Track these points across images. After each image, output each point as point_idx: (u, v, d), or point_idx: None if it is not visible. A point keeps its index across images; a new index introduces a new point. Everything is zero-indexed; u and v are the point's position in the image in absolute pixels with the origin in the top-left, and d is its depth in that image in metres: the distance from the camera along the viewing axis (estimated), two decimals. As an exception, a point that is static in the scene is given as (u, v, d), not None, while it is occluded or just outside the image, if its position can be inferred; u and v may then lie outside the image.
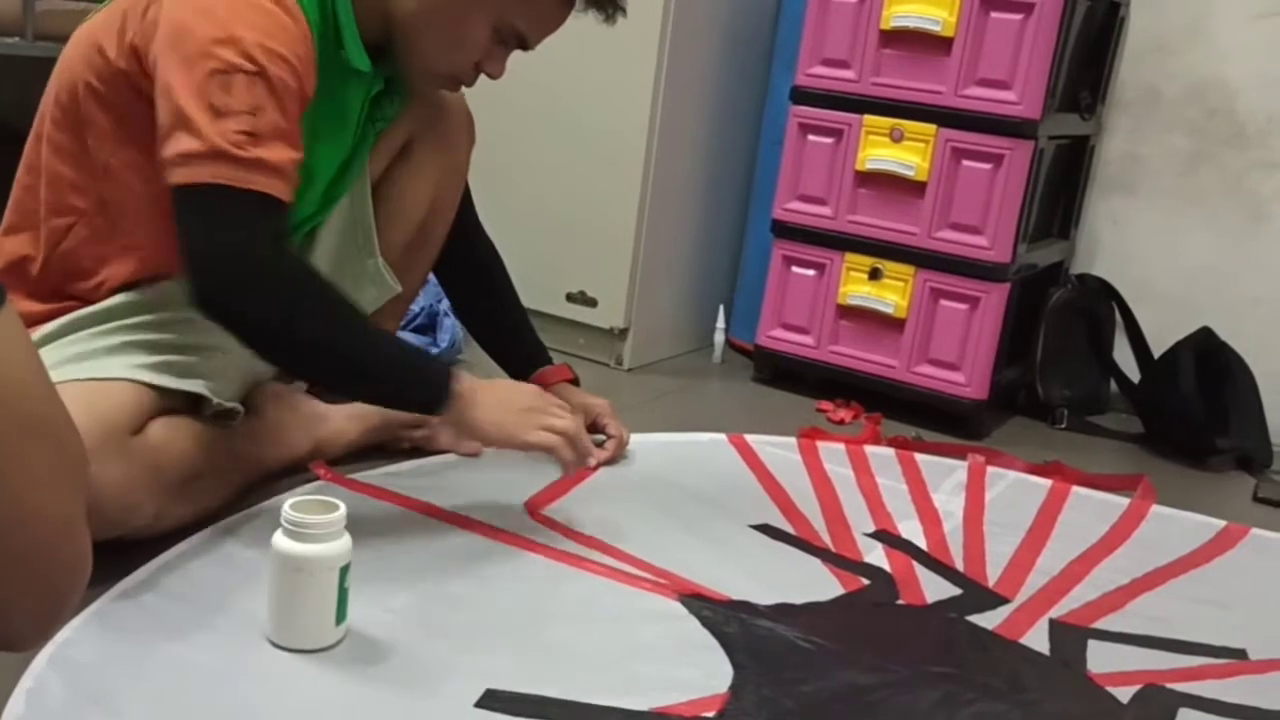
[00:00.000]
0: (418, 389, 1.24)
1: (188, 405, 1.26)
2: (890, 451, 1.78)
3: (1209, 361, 2.03)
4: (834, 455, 1.73)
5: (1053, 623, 1.27)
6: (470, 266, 1.66)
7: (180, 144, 1.11)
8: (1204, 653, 1.24)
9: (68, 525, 0.56)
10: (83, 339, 1.23)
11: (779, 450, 1.72)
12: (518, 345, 1.67)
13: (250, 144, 1.11)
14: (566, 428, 1.30)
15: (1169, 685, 1.15)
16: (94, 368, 1.18)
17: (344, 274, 1.49)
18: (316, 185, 1.37)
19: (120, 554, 1.13)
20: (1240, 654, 1.25)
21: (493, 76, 1.36)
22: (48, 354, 1.20)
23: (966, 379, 1.96)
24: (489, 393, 1.28)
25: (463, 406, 1.24)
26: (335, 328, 1.19)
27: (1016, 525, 1.54)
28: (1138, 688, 1.14)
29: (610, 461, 1.59)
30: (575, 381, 1.67)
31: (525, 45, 1.35)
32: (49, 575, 0.56)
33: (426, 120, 1.51)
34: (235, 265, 1.13)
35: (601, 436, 1.61)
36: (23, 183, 1.29)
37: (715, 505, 1.50)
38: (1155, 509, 1.65)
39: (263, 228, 1.14)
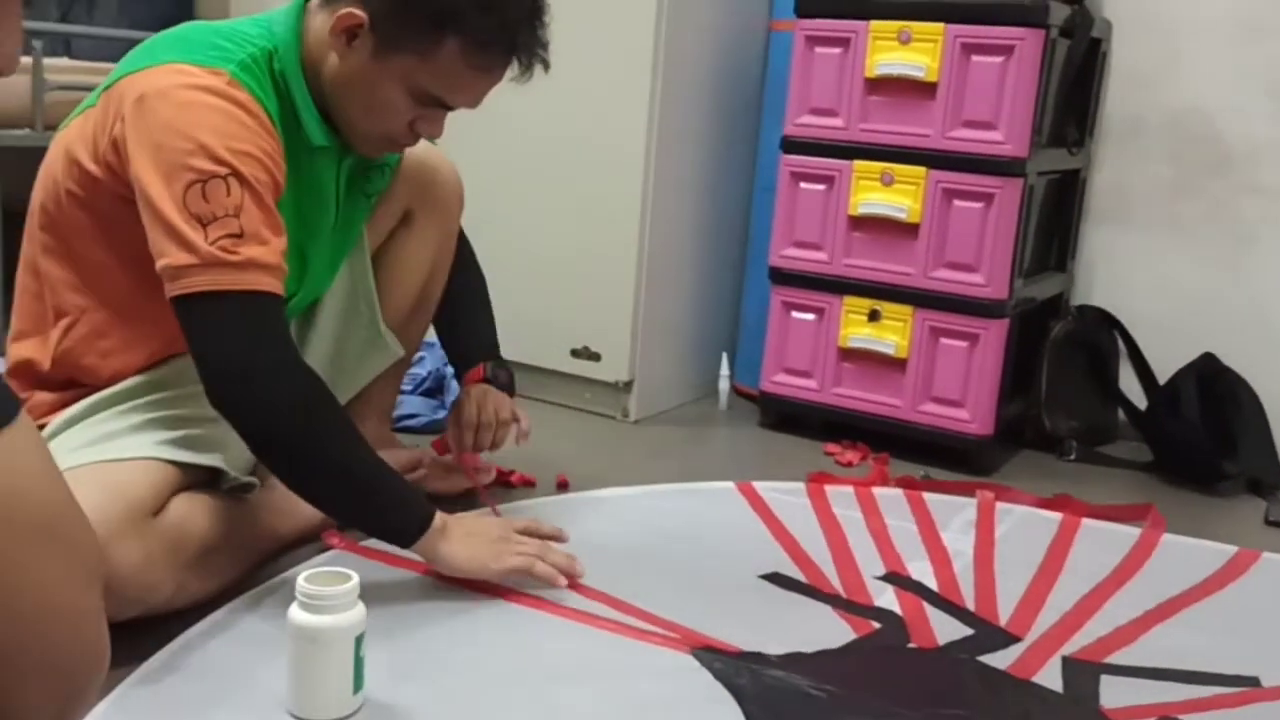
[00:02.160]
0: (397, 517, 1.27)
1: (206, 479, 1.29)
2: (898, 492, 1.79)
3: (1212, 386, 2.04)
4: (842, 499, 1.74)
5: (1065, 660, 1.28)
6: (452, 278, 1.67)
7: (173, 257, 1.16)
8: (1217, 682, 1.25)
9: (80, 621, 0.58)
10: (103, 420, 1.26)
11: (787, 496, 1.74)
12: (468, 336, 1.66)
13: (237, 245, 1.16)
14: (531, 551, 1.34)
15: (1182, 717, 1.16)
16: (116, 448, 1.21)
17: (348, 342, 1.52)
18: (315, 265, 1.41)
19: (139, 634, 1.15)
20: (1253, 681, 1.26)
21: (429, 138, 1.37)
22: (70, 437, 1.23)
23: (971, 415, 1.98)
24: (459, 526, 1.31)
25: (436, 540, 1.27)
26: (343, 442, 1.23)
27: (1027, 561, 1.55)
28: (1151, 721, 1.15)
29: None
30: (499, 382, 1.62)
31: (449, 107, 1.33)
32: (61, 670, 0.58)
33: (421, 188, 1.56)
34: (245, 368, 1.18)
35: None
36: (28, 288, 1.33)
37: (724, 556, 1.51)
38: (1166, 538, 1.66)
39: (262, 326, 1.19)
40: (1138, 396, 2.17)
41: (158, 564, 1.16)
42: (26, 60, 1.94)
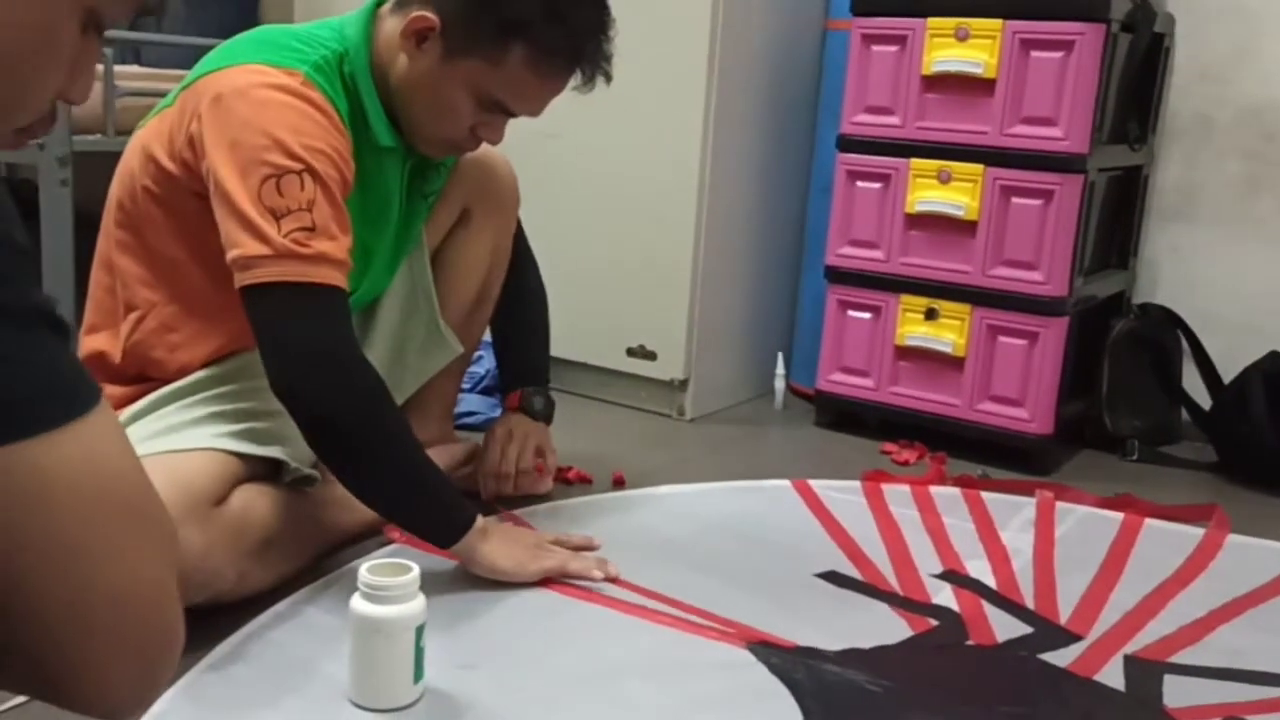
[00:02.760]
0: (442, 517, 1.30)
1: (268, 471, 1.32)
2: (956, 491, 1.77)
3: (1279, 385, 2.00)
4: (899, 497, 1.73)
5: (1128, 658, 1.26)
6: (511, 286, 1.69)
7: (245, 248, 1.19)
8: (1284, 683, 1.22)
9: (159, 601, 0.60)
10: (170, 413, 1.30)
11: (843, 495, 1.73)
12: (516, 359, 1.69)
13: (309, 238, 1.19)
14: (563, 555, 1.38)
15: (1248, 717, 1.14)
16: (180, 439, 1.24)
17: (409, 340, 1.55)
18: (376, 263, 1.44)
19: (207, 622, 1.18)
20: (1323, 683, 1.23)
21: (491, 142, 1.40)
22: (138, 429, 1.27)
23: (1030, 414, 1.95)
24: (498, 530, 1.36)
25: (477, 541, 1.30)
26: (396, 439, 1.26)
27: (1088, 560, 1.53)
28: (1216, 721, 1.13)
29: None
30: (536, 412, 1.64)
31: (512, 114, 1.37)
32: (143, 648, 0.60)
33: (480, 187, 1.58)
34: (312, 358, 1.22)
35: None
36: (102, 283, 1.37)
37: (780, 553, 1.51)
38: (1231, 538, 1.63)
39: (330, 319, 1.23)
40: (1202, 396, 2.13)
41: (219, 552, 1.19)
42: (98, 68, 1.99)
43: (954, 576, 1.46)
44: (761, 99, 2.19)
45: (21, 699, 1.05)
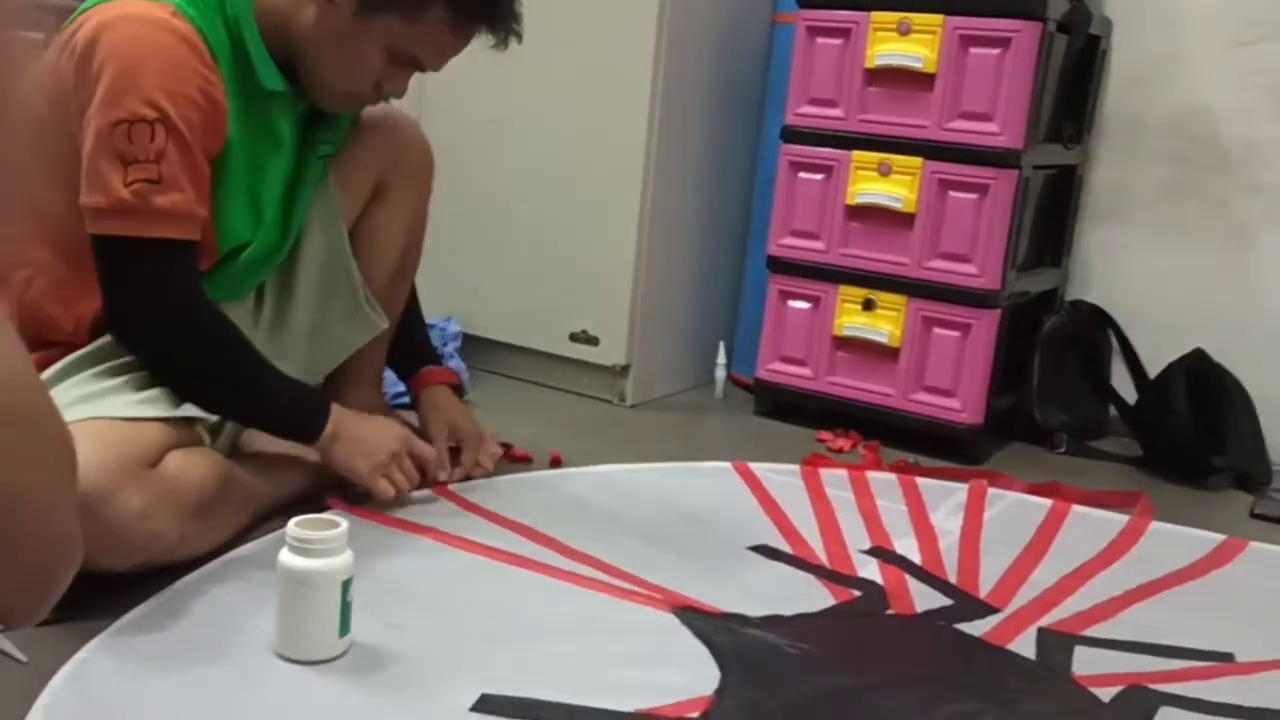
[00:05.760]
0: (295, 420, 1.38)
1: (194, 438, 1.31)
2: (892, 476, 1.81)
3: (1202, 382, 2.06)
4: (836, 480, 1.76)
5: (1040, 630, 1.30)
6: None
7: (90, 197, 1.21)
8: (1190, 656, 1.26)
9: (53, 507, 0.60)
10: (83, 381, 1.28)
11: (782, 477, 1.76)
12: (406, 345, 1.72)
13: (152, 192, 1.20)
14: (402, 484, 1.45)
15: (1152, 686, 1.18)
16: (99, 408, 1.23)
17: (329, 313, 1.53)
18: (267, 211, 1.41)
19: (141, 582, 1.18)
20: (1227, 657, 1.27)
21: (395, 96, 1.42)
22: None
23: (962, 405, 1.99)
24: (356, 428, 1.41)
25: (329, 441, 1.39)
26: (230, 362, 1.32)
27: (1014, 542, 1.57)
28: (1120, 688, 1.16)
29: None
30: (459, 389, 1.71)
31: (422, 68, 1.39)
32: (38, 555, 0.60)
33: (393, 157, 1.58)
34: (145, 310, 1.27)
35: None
36: None
37: (714, 528, 1.53)
38: (1155, 525, 1.68)
39: (170, 271, 1.26)
40: (1130, 392, 2.18)
41: (159, 512, 1.19)
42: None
43: (881, 552, 1.49)
44: (708, 90, 2.22)
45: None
